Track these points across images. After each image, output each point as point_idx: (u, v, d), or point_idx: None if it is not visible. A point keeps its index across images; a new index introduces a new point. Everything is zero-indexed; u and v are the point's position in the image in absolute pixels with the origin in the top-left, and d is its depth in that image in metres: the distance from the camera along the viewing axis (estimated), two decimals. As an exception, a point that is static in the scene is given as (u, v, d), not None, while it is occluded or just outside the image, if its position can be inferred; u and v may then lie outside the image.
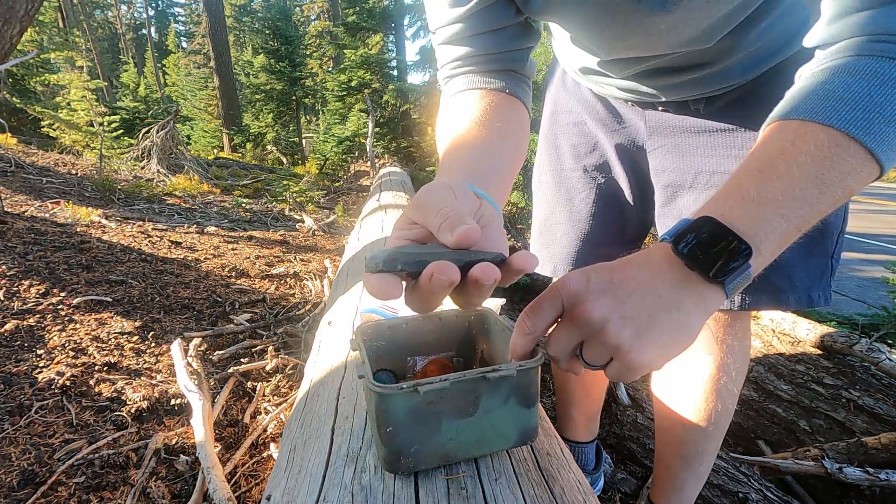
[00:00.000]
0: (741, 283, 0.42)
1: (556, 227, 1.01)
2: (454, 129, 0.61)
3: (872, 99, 0.41)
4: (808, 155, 0.41)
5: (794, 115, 0.44)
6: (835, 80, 0.44)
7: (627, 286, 0.43)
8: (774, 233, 0.41)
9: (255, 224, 4.09)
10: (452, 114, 0.64)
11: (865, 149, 0.41)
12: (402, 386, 0.47)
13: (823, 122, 0.42)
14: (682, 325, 0.42)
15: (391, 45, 8.92)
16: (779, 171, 0.42)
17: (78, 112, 6.72)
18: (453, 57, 0.66)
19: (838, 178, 0.41)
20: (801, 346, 1.68)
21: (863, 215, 8.84)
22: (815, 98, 0.43)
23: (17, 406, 1.23)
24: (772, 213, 0.41)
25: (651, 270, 0.43)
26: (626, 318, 0.41)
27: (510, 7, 0.63)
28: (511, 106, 0.65)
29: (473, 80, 0.65)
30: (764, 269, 0.43)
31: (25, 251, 2.18)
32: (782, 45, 0.68)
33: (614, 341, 0.41)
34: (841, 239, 0.76)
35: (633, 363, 0.42)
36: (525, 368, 0.50)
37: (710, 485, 1.18)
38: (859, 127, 0.40)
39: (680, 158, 0.80)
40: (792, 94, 0.46)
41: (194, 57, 25.29)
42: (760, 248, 0.41)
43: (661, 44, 0.65)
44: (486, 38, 0.64)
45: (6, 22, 2.73)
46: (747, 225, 0.41)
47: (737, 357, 0.85)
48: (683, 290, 0.42)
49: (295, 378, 1.58)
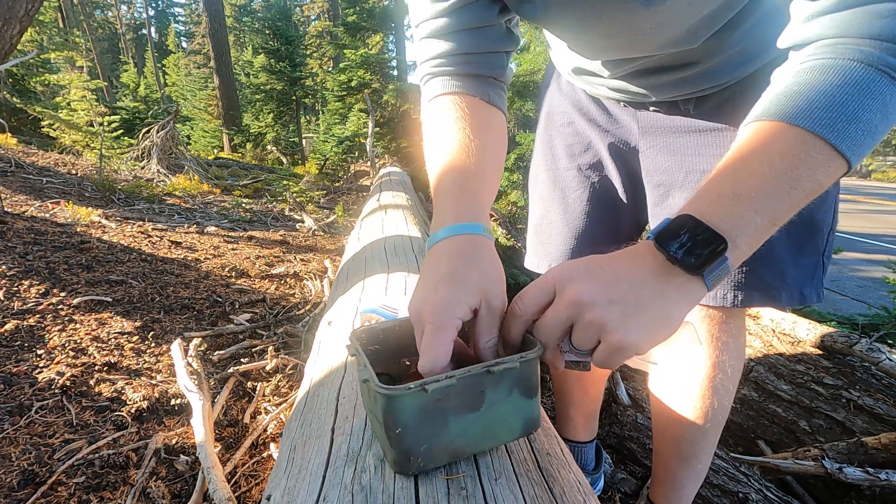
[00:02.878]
0: (720, 275, 0.45)
1: (551, 225, 1.01)
2: (442, 151, 0.64)
3: (835, 98, 0.44)
4: (777, 154, 0.45)
5: (766, 116, 0.47)
6: (802, 82, 0.47)
7: (616, 273, 0.46)
8: (749, 227, 0.45)
9: (255, 224, 4.09)
10: (437, 129, 0.66)
11: (830, 146, 0.44)
12: (410, 386, 0.47)
13: (791, 122, 0.45)
14: (665, 312, 0.45)
15: (391, 45, 8.93)
16: (751, 170, 0.45)
17: (78, 112, 6.72)
18: (434, 54, 0.67)
19: (807, 174, 0.44)
20: (801, 346, 1.68)
21: (863, 215, 8.84)
22: (784, 99, 0.47)
23: (17, 406, 1.23)
24: (746, 209, 0.44)
25: (638, 263, 0.47)
26: (614, 301, 0.45)
27: (492, 7, 0.65)
28: (490, 115, 0.69)
29: (453, 83, 0.67)
30: (757, 267, 0.46)
31: (25, 251, 2.18)
32: (769, 46, 0.68)
33: (601, 321, 0.44)
34: (831, 237, 0.78)
35: (620, 343, 0.44)
36: (527, 359, 0.50)
37: (710, 485, 1.18)
38: (824, 126, 0.44)
39: (671, 158, 0.81)
40: (766, 97, 0.49)
41: (194, 57, 25.30)
42: (737, 241, 0.44)
43: (647, 44, 0.66)
44: (466, 36, 0.65)
45: (6, 22, 2.73)
46: (723, 221, 0.45)
47: (732, 354, 0.85)
48: (666, 282, 0.46)
49: (295, 378, 1.58)
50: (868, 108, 0.44)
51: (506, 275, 0.59)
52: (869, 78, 0.44)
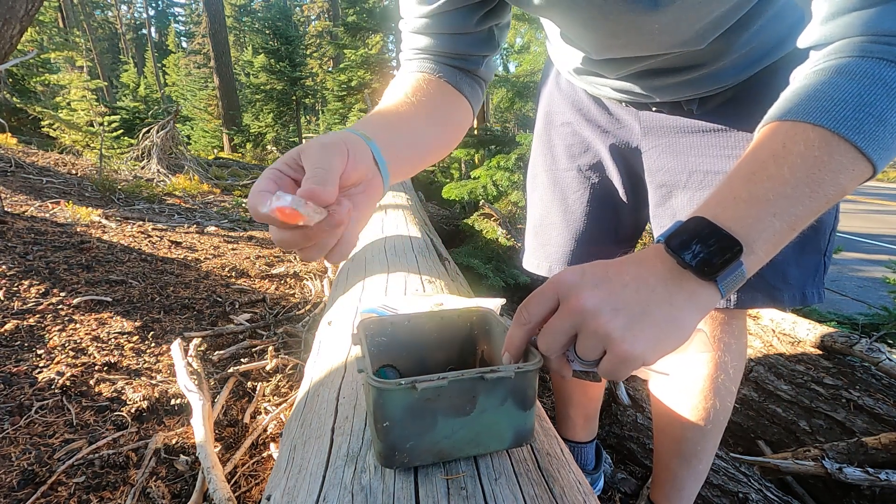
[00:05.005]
0: (734, 281, 0.42)
1: (551, 227, 1.01)
2: (387, 100, 0.65)
3: (863, 99, 0.41)
4: (798, 155, 0.42)
5: (786, 116, 0.44)
6: (826, 82, 0.44)
7: (622, 279, 0.44)
8: (767, 231, 0.42)
9: (255, 224, 4.09)
10: (394, 88, 0.69)
11: (856, 148, 0.41)
12: (400, 382, 0.47)
13: (814, 122, 0.42)
14: (674, 320, 0.43)
15: (391, 45, 8.93)
16: (770, 172, 0.43)
17: (78, 112, 6.72)
18: (415, 46, 0.71)
19: (830, 178, 0.41)
20: (801, 346, 1.68)
21: (863, 215, 8.84)
22: (807, 99, 0.44)
23: (17, 406, 1.23)
24: (764, 213, 0.42)
25: (645, 268, 0.44)
26: (619, 309, 0.42)
27: (471, 16, 0.67)
28: (448, 95, 0.70)
29: (426, 65, 0.70)
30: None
31: (25, 251, 2.18)
32: (773, 47, 0.68)
33: (605, 331, 0.42)
34: (833, 237, 0.78)
35: (625, 354, 0.42)
36: (523, 371, 0.50)
37: (710, 485, 1.18)
38: (849, 127, 0.41)
39: (674, 158, 0.81)
40: (785, 96, 0.47)
41: (194, 57, 25.28)
42: (753, 246, 0.42)
43: (654, 44, 0.65)
44: (446, 39, 0.69)
45: (6, 22, 2.73)
46: (739, 224, 0.42)
47: (734, 355, 0.85)
48: (676, 287, 0.43)
49: (295, 378, 1.58)
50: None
51: (506, 275, 0.59)
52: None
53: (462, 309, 0.69)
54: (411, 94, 0.65)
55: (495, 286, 2.58)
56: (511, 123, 14.28)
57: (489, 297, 1.41)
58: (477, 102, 0.74)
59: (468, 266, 2.61)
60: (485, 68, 0.73)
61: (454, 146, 0.73)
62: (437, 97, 0.68)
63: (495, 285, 2.58)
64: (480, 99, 0.75)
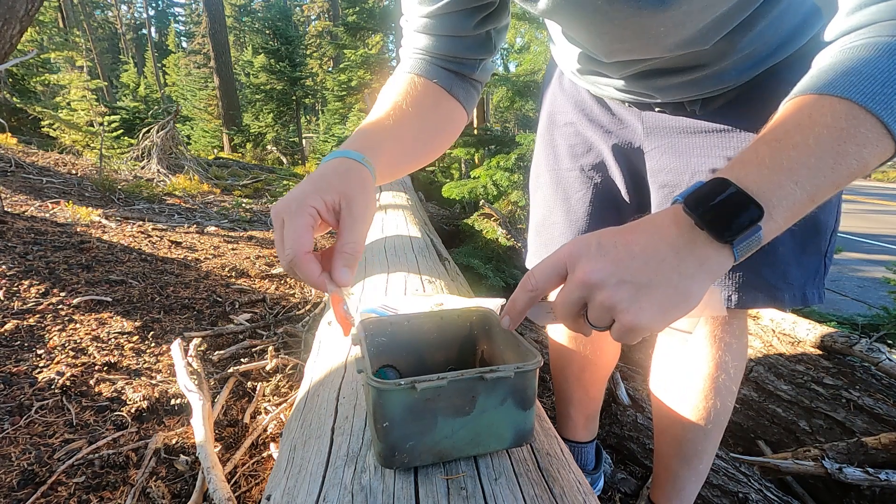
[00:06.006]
0: (750, 246, 0.42)
1: (554, 226, 1.01)
2: (381, 107, 0.68)
3: (892, 75, 0.41)
4: (824, 126, 0.42)
5: (812, 90, 0.44)
6: (854, 58, 0.44)
7: (630, 249, 0.44)
8: (787, 199, 0.42)
9: (255, 224, 4.09)
10: (389, 91, 0.71)
11: (882, 123, 0.41)
12: (400, 382, 0.47)
13: (841, 95, 0.42)
14: (682, 289, 0.43)
15: (391, 45, 8.93)
16: (794, 141, 0.43)
17: (78, 112, 6.72)
18: (414, 45, 0.73)
19: (854, 151, 0.41)
20: (801, 346, 1.68)
21: (863, 215, 8.84)
22: (835, 74, 0.44)
23: (17, 406, 1.23)
24: (786, 180, 0.42)
25: (656, 233, 0.45)
26: (624, 281, 0.43)
27: (470, 19, 0.69)
28: (442, 101, 0.72)
29: (422, 67, 0.72)
30: (760, 267, 0.44)
31: (25, 251, 2.18)
32: (776, 48, 0.68)
33: (611, 302, 0.43)
34: (833, 238, 0.78)
35: (632, 324, 0.43)
36: (523, 371, 0.50)
37: (710, 485, 1.18)
38: (877, 101, 0.41)
39: (676, 159, 0.81)
40: (811, 74, 0.47)
41: (194, 57, 25.26)
42: (773, 213, 0.42)
43: (659, 46, 0.66)
44: (444, 41, 0.71)
45: (6, 22, 2.73)
46: (761, 189, 0.42)
47: (735, 355, 0.85)
48: (687, 253, 0.43)
49: (295, 378, 1.58)
50: None
51: (506, 275, 0.59)
52: None
53: (462, 309, 0.69)
54: (403, 101, 0.68)
55: (495, 286, 2.58)
56: (511, 123, 14.28)
57: (489, 297, 1.41)
58: (471, 104, 0.76)
59: (468, 266, 2.61)
60: (480, 72, 0.75)
61: (447, 148, 0.76)
62: (430, 104, 0.71)
63: (495, 285, 2.58)
64: (476, 100, 0.78)
